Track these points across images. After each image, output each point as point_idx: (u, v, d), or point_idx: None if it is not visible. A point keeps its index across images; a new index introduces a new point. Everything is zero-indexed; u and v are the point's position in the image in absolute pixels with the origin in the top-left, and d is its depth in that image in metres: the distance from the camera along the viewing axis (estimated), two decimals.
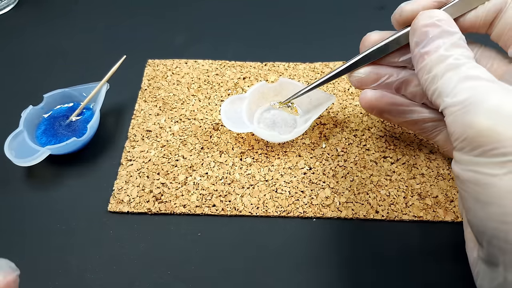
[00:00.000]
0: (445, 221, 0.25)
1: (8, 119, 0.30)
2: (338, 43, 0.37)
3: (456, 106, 0.16)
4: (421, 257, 0.23)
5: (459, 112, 0.16)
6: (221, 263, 0.24)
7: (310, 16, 0.41)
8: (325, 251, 0.24)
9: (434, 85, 0.18)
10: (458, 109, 0.16)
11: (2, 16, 0.42)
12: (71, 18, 0.42)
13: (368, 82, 0.23)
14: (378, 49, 0.22)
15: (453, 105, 0.17)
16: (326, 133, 0.30)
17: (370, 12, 0.40)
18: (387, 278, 0.23)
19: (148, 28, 0.40)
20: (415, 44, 0.19)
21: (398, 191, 0.26)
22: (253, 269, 0.24)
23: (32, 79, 0.36)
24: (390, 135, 0.29)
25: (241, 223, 0.26)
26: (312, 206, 0.26)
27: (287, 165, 0.28)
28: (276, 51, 0.37)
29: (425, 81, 0.19)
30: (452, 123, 0.17)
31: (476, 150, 0.16)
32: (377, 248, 0.24)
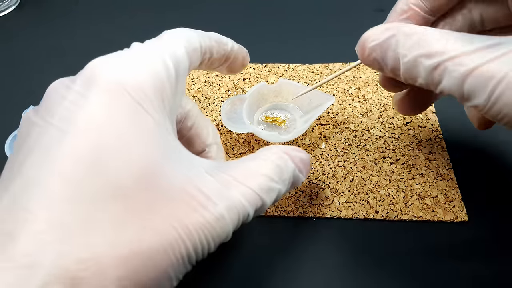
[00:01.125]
0: (444, 221, 0.25)
1: (8, 119, 0.30)
2: (337, 44, 0.37)
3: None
4: (421, 257, 0.23)
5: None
6: (221, 263, 0.24)
7: (310, 18, 0.41)
8: (325, 251, 0.24)
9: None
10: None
11: (4, 17, 0.42)
12: (71, 18, 0.42)
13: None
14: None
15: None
16: (326, 133, 0.30)
17: (369, 14, 0.41)
18: (386, 278, 0.23)
19: (149, 29, 0.40)
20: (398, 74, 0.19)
21: (398, 191, 0.26)
22: (252, 269, 0.24)
23: (32, 79, 0.36)
24: (390, 136, 0.29)
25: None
26: (312, 206, 0.26)
27: None
28: (276, 53, 0.37)
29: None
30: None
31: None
32: (376, 248, 0.24)
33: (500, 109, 0.16)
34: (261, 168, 0.18)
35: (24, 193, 0.14)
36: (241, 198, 0.17)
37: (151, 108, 0.17)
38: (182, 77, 0.19)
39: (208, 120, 0.24)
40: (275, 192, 0.18)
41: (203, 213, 0.16)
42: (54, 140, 0.15)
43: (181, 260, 0.16)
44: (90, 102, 0.16)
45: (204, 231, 0.16)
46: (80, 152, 0.15)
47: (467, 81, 0.16)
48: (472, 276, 0.23)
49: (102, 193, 0.15)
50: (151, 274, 0.15)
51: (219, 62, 0.23)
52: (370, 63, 0.20)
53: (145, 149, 0.16)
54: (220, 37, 0.22)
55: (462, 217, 0.25)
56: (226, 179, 0.17)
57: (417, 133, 0.29)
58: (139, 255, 0.15)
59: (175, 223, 0.15)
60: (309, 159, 0.21)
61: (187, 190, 0.16)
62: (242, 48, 0.24)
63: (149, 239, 0.15)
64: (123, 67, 0.17)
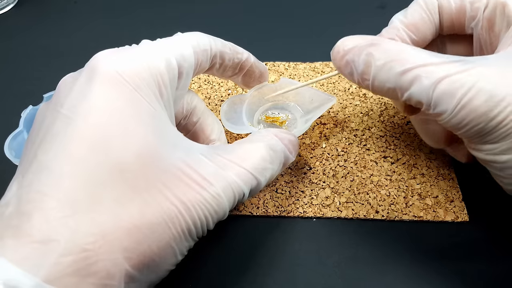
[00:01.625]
0: (445, 221, 0.25)
1: (8, 119, 0.30)
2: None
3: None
4: (422, 257, 0.23)
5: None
6: (221, 263, 0.24)
7: (310, 15, 0.41)
8: (325, 251, 0.24)
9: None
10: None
11: (2, 15, 0.42)
12: (70, 16, 0.42)
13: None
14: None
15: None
16: (326, 133, 0.30)
17: (371, 11, 0.40)
18: (387, 279, 0.23)
19: (148, 28, 0.40)
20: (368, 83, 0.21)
21: (398, 191, 0.26)
22: (252, 269, 0.24)
23: (32, 79, 0.36)
24: (391, 135, 0.29)
25: (241, 223, 0.26)
26: (312, 206, 0.26)
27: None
28: (276, 51, 0.37)
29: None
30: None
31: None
32: (377, 248, 0.24)
33: (465, 115, 0.18)
34: (255, 150, 0.20)
35: (37, 177, 0.16)
36: (236, 178, 0.19)
37: (147, 96, 0.18)
38: (188, 74, 0.21)
39: (214, 118, 0.25)
40: (268, 172, 0.20)
41: (200, 191, 0.17)
42: (62, 127, 0.17)
43: (182, 234, 0.17)
44: (92, 91, 0.17)
45: (201, 207, 0.17)
46: (84, 136, 0.16)
47: (437, 88, 0.18)
48: (472, 276, 0.22)
49: (106, 172, 0.16)
50: (154, 246, 0.16)
51: (233, 70, 0.25)
52: (342, 66, 0.21)
53: (143, 132, 0.17)
54: (235, 46, 0.24)
55: (463, 217, 0.25)
56: (221, 161, 0.19)
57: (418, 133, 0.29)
58: (141, 228, 0.16)
59: (174, 199, 0.17)
60: (298, 140, 0.23)
61: (184, 170, 0.18)
62: (261, 64, 0.26)
63: (150, 213, 0.16)
64: (123, 59, 0.18)
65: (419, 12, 0.23)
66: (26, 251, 0.14)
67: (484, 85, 0.17)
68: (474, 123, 0.18)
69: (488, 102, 0.17)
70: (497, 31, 0.21)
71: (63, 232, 0.15)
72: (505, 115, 0.17)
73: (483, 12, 0.21)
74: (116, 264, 0.15)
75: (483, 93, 0.17)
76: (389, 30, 0.23)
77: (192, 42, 0.21)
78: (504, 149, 0.18)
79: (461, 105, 0.18)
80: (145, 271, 0.16)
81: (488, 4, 0.21)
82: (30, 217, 0.15)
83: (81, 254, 0.15)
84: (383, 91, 0.20)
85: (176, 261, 0.18)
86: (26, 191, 0.15)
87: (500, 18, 0.20)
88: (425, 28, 0.23)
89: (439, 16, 0.23)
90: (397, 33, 0.23)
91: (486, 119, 0.17)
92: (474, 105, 0.17)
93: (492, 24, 0.21)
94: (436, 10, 0.23)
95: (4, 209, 0.15)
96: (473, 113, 0.18)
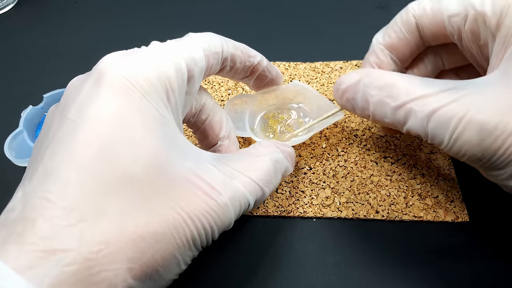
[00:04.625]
0: (445, 221, 0.25)
1: (8, 119, 0.30)
2: (338, 42, 0.37)
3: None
4: (421, 257, 0.23)
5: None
6: (221, 263, 0.24)
7: (310, 15, 0.41)
8: (325, 251, 0.24)
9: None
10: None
11: (2, 15, 0.42)
12: (70, 17, 0.42)
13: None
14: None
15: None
16: (327, 133, 0.30)
17: (370, 11, 0.40)
18: (387, 279, 0.23)
19: (148, 27, 0.40)
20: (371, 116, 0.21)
21: (399, 191, 0.26)
22: (252, 269, 0.24)
23: (32, 79, 0.36)
24: (391, 135, 0.29)
25: (241, 223, 0.25)
26: (312, 206, 0.26)
27: None
28: (276, 51, 0.37)
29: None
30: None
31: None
32: (377, 248, 0.24)
33: (461, 147, 0.18)
34: (261, 162, 0.20)
35: (43, 182, 0.15)
36: (243, 188, 0.18)
37: (156, 102, 0.18)
38: (198, 77, 0.20)
39: (223, 114, 0.24)
40: (273, 184, 0.20)
41: (207, 200, 0.17)
42: (68, 133, 0.16)
43: (187, 243, 0.17)
44: (99, 97, 0.17)
45: (207, 217, 0.17)
46: (91, 143, 0.16)
47: (431, 121, 0.18)
48: (473, 276, 0.22)
49: (112, 181, 0.16)
50: (158, 256, 0.16)
51: (244, 73, 0.24)
52: (344, 104, 0.22)
53: (151, 140, 0.17)
54: (247, 49, 0.23)
55: (463, 218, 0.25)
56: (229, 170, 0.19)
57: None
58: (146, 238, 0.16)
59: (180, 209, 0.17)
60: (294, 153, 0.23)
61: (191, 180, 0.17)
62: (274, 68, 0.26)
63: (155, 223, 0.16)
64: (131, 63, 0.18)
65: (396, 32, 0.23)
66: (29, 259, 0.14)
67: (475, 114, 0.17)
68: (471, 153, 0.18)
69: (480, 132, 0.17)
70: (483, 42, 0.20)
71: (67, 241, 0.14)
72: (499, 143, 0.17)
73: (464, 26, 0.20)
74: (119, 275, 0.15)
75: (474, 123, 0.17)
76: (370, 56, 0.24)
77: (203, 45, 0.20)
78: (510, 174, 0.17)
79: (455, 137, 0.18)
80: (147, 281, 0.16)
81: (468, 17, 0.20)
82: (34, 224, 0.14)
83: (84, 263, 0.14)
84: (385, 124, 0.21)
85: (179, 270, 0.18)
86: (31, 197, 0.15)
87: (483, 29, 0.20)
88: (403, 47, 0.23)
89: (419, 32, 0.22)
90: (378, 57, 0.24)
91: (482, 149, 0.17)
92: (467, 137, 0.17)
93: (477, 35, 0.20)
94: (414, 27, 0.22)
95: (9, 214, 0.15)
96: (467, 144, 0.17)
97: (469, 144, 0.17)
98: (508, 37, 0.18)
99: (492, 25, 0.19)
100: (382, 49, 0.23)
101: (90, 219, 0.15)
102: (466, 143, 0.17)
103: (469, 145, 0.17)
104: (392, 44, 0.23)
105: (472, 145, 0.17)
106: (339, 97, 0.23)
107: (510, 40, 0.18)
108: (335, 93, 0.23)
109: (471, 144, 0.17)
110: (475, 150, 0.17)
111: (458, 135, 0.17)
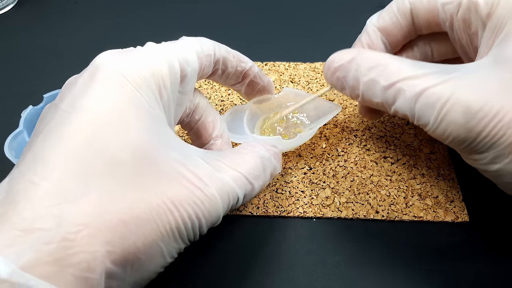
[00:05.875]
0: (445, 221, 0.25)
1: (8, 119, 0.30)
2: (338, 42, 0.37)
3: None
4: (421, 257, 0.23)
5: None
6: (221, 263, 0.24)
7: (310, 15, 0.41)
8: (325, 251, 0.24)
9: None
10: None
11: (2, 15, 0.42)
12: (70, 17, 0.42)
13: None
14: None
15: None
16: (326, 133, 0.30)
17: (369, 10, 0.40)
18: (387, 279, 0.23)
19: (148, 27, 0.40)
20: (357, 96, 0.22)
21: (399, 191, 0.26)
22: (252, 269, 0.24)
23: (32, 79, 0.36)
24: (391, 135, 0.29)
25: (241, 223, 0.25)
26: (312, 206, 0.26)
27: (287, 165, 0.28)
28: (276, 51, 0.37)
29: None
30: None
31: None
32: (377, 248, 0.24)
33: (445, 128, 0.18)
34: (249, 157, 0.20)
35: (30, 168, 0.16)
36: (231, 181, 0.19)
37: (148, 96, 0.18)
38: (191, 77, 0.21)
39: (217, 114, 0.25)
40: (261, 179, 0.20)
41: (193, 190, 0.17)
42: (59, 121, 0.17)
43: (171, 233, 0.17)
44: (92, 88, 0.17)
45: (193, 207, 0.17)
46: (80, 131, 0.16)
47: (418, 101, 0.18)
48: (473, 276, 0.22)
49: (98, 166, 0.16)
50: (140, 243, 0.16)
51: (236, 78, 0.25)
52: (333, 82, 0.23)
53: (141, 130, 0.17)
54: (239, 54, 0.24)
55: (463, 218, 0.25)
56: (217, 163, 0.19)
57: (418, 132, 0.29)
58: (127, 223, 0.16)
59: (164, 196, 0.17)
60: (281, 154, 0.23)
61: (178, 170, 0.18)
62: (266, 77, 0.26)
63: (138, 209, 0.16)
64: (126, 60, 0.18)
65: (391, 16, 0.23)
66: (8, 238, 0.14)
67: (461, 96, 0.17)
68: (455, 134, 0.18)
69: (465, 114, 0.17)
70: (474, 30, 0.21)
71: (46, 220, 0.14)
72: (483, 126, 0.17)
73: (457, 14, 0.21)
74: (97, 257, 0.15)
75: (459, 105, 0.17)
76: (363, 36, 0.24)
77: (196, 47, 0.21)
78: (492, 158, 0.18)
79: (441, 117, 0.18)
80: (128, 268, 0.16)
81: (461, 5, 0.20)
82: (16, 205, 0.15)
83: (61, 243, 0.14)
84: (373, 104, 0.21)
85: (164, 262, 0.17)
86: (17, 182, 0.15)
87: (475, 18, 0.20)
88: (396, 31, 0.24)
89: (413, 19, 0.23)
90: (370, 38, 0.24)
91: (465, 131, 0.18)
92: (452, 117, 0.18)
93: (468, 24, 0.21)
94: (408, 13, 0.23)
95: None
96: (452, 125, 0.18)
97: (453, 126, 0.18)
98: (498, 26, 0.19)
99: (483, 14, 0.19)
100: (375, 30, 0.24)
101: (72, 200, 0.15)
102: (450, 124, 0.18)
103: (453, 127, 0.18)
104: (385, 27, 0.24)
105: (456, 127, 0.18)
106: (329, 75, 0.22)
107: (500, 29, 0.19)
108: (325, 71, 0.23)
109: (455, 125, 0.18)
110: (459, 131, 0.18)
111: (443, 116, 0.18)
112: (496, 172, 0.18)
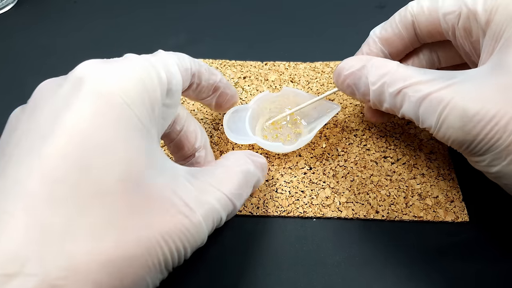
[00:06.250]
0: (445, 221, 0.25)
1: (4, 119, 0.30)
2: (338, 42, 0.37)
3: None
4: (421, 257, 0.23)
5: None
6: (221, 263, 0.24)
7: (310, 15, 0.41)
8: (325, 251, 0.24)
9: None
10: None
11: (2, 15, 0.42)
12: (70, 17, 0.42)
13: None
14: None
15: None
16: (326, 133, 0.30)
17: (370, 10, 0.40)
18: (387, 279, 0.23)
19: (148, 27, 0.40)
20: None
21: (399, 191, 0.26)
22: (252, 269, 0.24)
23: (29, 78, 0.35)
24: (391, 135, 0.29)
25: (241, 223, 0.25)
26: (312, 206, 0.26)
27: (287, 165, 0.28)
28: (276, 51, 0.37)
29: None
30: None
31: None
32: (377, 248, 0.24)
33: (445, 131, 0.19)
34: (233, 174, 0.20)
35: (5, 194, 0.14)
36: (216, 203, 0.18)
37: (139, 111, 0.17)
38: (176, 91, 0.20)
39: (197, 123, 0.24)
40: (243, 197, 0.21)
41: (182, 220, 0.17)
42: (37, 141, 0.15)
43: (158, 266, 0.16)
44: (76, 105, 0.16)
45: (181, 237, 0.17)
46: (63, 153, 0.15)
47: (422, 105, 0.19)
48: (472, 276, 0.22)
49: (83, 196, 0.14)
50: (128, 280, 0.15)
51: (207, 91, 0.25)
52: (344, 88, 0.24)
53: (129, 153, 0.16)
54: (210, 67, 0.24)
55: (463, 218, 0.25)
56: (202, 186, 0.19)
57: (418, 132, 0.29)
58: (116, 261, 0.15)
59: (154, 230, 0.16)
60: (266, 163, 0.23)
61: (167, 197, 0.17)
62: (231, 85, 0.26)
63: (127, 245, 0.15)
64: (113, 71, 0.17)
65: (393, 28, 0.24)
66: None
67: (459, 101, 0.18)
68: (454, 137, 0.19)
69: (463, 118, 0.18)
70: (475, 38, 0.21)
71: (31, 265, 0.13)
72: (479, 129, 0.18)
73: (458, 23, 0.21)
74: None
75: (457, 109, 0.18)
76: (364, 46, 0.26)
77: (176, 60, 0.20)
78: (491, 160, 0.18)
79: (441, 121, 0.19)
80: None
81: (461, 15, 0.21)
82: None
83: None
84: (382, 109, 0.22)
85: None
86: None
87: (475, 26, 0.21)
88: (398, 42, 0.24)
89: (415, 30, 0.24)
90: (370, 47, 0.25)
91: (463, 134, 0.18)
92: (451, 122, 0.18)
93: (470, 32, 0.21)
94: (410, 24, 0.23)
95: None
96: (451, 129, 0.19)
97: (452, 129, 0.19)
98: (497, 33, 0.19)
99: (482, 22, 0.20)
100: (376, 41, 0.25)
101: (57, 240, 0.14)
102: (449, 127, 0.19)
103: (452, 130, 0.19)
104: (387, 38, 0.25)
105: (454, 130, 0.18)
106: (340, 82, 0.23)
107: (499, 36, 0.19)
108: (336, 78, 0.24)
109: (454, 128, 0.18)
110: (457, 134, 0.19)
111: (443, 120, 0.19)
112: (496, 174, 0.19)
